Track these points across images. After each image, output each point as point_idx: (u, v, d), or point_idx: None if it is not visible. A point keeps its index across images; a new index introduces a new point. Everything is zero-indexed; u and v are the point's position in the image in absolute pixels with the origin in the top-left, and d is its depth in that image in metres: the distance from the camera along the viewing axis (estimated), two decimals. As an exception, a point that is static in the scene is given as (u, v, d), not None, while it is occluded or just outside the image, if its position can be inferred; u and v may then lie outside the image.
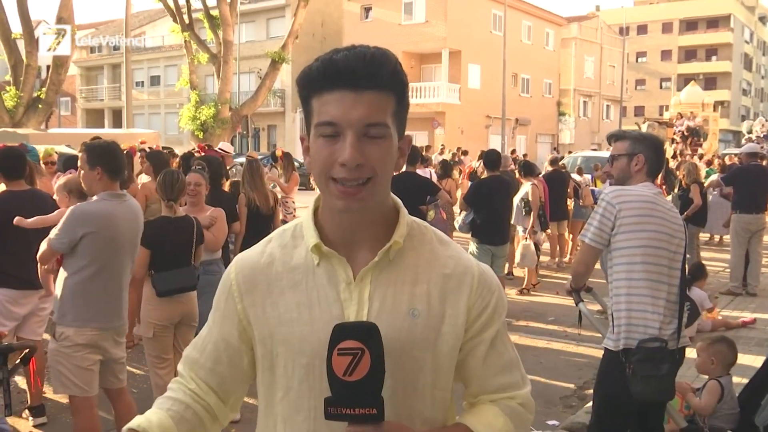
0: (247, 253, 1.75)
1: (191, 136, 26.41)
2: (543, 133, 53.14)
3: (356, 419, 1.46)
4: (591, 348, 7.77)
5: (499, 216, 9.09)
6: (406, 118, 1.64)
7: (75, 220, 4.43)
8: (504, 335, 1.75)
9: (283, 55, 25.61)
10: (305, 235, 1.67)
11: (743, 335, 8.49)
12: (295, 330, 1.62)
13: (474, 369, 1.71)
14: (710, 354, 5.25)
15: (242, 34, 44.44)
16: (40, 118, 21.57)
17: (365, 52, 1.53)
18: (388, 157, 1.56)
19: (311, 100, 1.57)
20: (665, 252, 3.95)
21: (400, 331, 1.59)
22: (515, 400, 1.73)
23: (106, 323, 4.54)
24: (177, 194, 5.66)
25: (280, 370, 1.65)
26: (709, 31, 79.01)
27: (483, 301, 1.68)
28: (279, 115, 49.11)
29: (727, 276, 11.71)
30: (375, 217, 1.64)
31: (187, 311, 5.57)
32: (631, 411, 4.10)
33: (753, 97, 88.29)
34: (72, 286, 4.47)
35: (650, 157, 4.16)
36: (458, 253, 1.72)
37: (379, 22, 44.76)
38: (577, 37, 57.27)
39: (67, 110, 60.13)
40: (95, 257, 4.45)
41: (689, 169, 12.68)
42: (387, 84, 1.54)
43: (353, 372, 1.43)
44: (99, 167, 4.52)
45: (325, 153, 1.53)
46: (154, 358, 5.47)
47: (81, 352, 4.45)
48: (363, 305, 1.60)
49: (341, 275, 1.62)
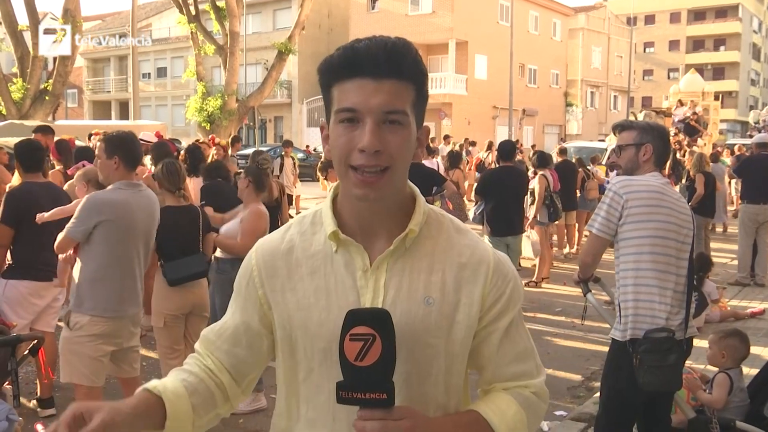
0: (268, 238, 1.78)
1: (198, 128, 26.42)
2: (550, 124, 53.03)
3: (367, 403, 1.48)
4: (598, 338, 7.76)
5: (509, 207, 9.06)
6: (424, 109, 1.67)
7: (90, 208, 4.48)
8: (519, 324, 1.76)
9: (290, 46, 25.59)
10: (324, 222, 1.69)
11: (752, 326, 8.47)
12: (312, 315, 1.65)
13: (488, 357, 1.72)
14: (721, 348, 5.20)
15: (249, 26, 44.48)
16: (47, 110, 21.60)
17: (386, 42, 1.56)
18: (406, 146, 1.59)
19: (332, 89, 1.60)
20: (673, 242, 3.94)
21: (414, 318, 1.61)
22: (528, 389, 1.74)
23: (122, 312, 4.59)
24: (181, 183, 5.68)
25: (300, 353, 1.68)
26: (717, 21, 78.62)
27: (498, 290, 1.69)
28: (286, 107, 49.12)
29: (735, 267, 11.68)
30: (392, 205, 1.66)
31: (198, 301, 5.58)
32: (639, 401, 4.10)
33: (761, 87, 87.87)
34: (88, 274, 4.51)
35: (658, 147, 4.15)
36: (475, 242, 1.73)
37: (386, 12, 44.68)
38: (585, 28, 57.07)
39: (74, 102, 60.29)
40: (111, 246, 4.50)
41: (696, 160, 12.63)
42: (407, 73, 1.57)
43: (364, 357, 1.46)
44: (116, 156, 4.58)
45: (344, 139, 1.56)
46: (165, 349, 5.49)
47: (94, 342, 4.49)
48: (378, 293, 1.63)
49: (358, 263, 1.65)
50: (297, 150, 23.26)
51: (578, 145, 22.37)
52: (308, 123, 47.01)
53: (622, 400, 4.13)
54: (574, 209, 13.50)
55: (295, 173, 16.84)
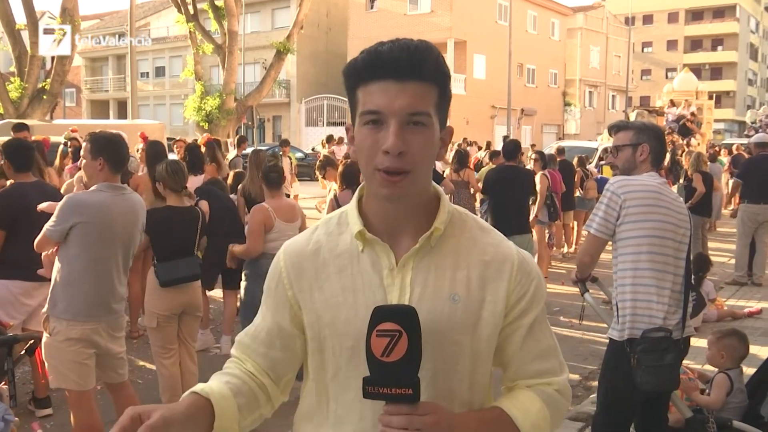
0: (295, 240, 1.82)
1: (196, 127, 26.42)
2: (548, 123, 53.06)
3: (393, 399, 1.50)
4: (596, 338, 7.76)
5: (509, 205, 9.04)
6: (448, 110, 1.69)
7: (67, 208, 4.38)
8: (543, 322, 1.79)
9: (288, 45, 25.59)
10: (350, 222, 1.73)
11: (749, 325, 8.47)
12: (340, 314, 1.68)
13: (512, 354, 1.75)
14: (720, 348, 5.18)
15: (247, 25, 44.47)
16: (44, 109, 21.57)
17: (409, 45, 1.59)
18: (429, 147, 1.62)
19: (357, 91, 1.63)
20: (671, 242, 3.94)
21: (441, 315, 1.64)
22: (552, 387, 1.76)
23: (96, 317, 4.45)
24: (185, 182, 5.65)
25: (328, 351, 1.71)
26: (714, 21, 78.76)
27: (522, 288, 1.72)
28: (284, 106, 49.11)
29: (732, 266, 11.69)
30: (417, 205, 1.69)
31: (191, 301, 5.56)
32: (636, 401, 4.10)
33: (759, 87, 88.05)
34: (63, 276, 4.41)
35: (654, 147, 4.17)
36: (499, 241, 1.76)
37: (385, 12, 44.70)
38: (583, 27, 57.12)
39: (72, 101, 60.18)
40: (86, 248, 4.38)
41: (694, 159, 12.65)
42: (430, 75, 1.60)
43: (391, 353, 1.48)
44: (101, 158, 4.48)
45: (370, 141, 1.59)
46: (158, 348, 5.47)
47: (74, 347, 4.38)
48: (405, 290, 1.66)
49: (384, 261, 1.68)
50: (295, 149, 23.23)
51: (570, 144, 22.16)
52: (307, 122, 46.98)
53: (619, 400, 4.13)
54: (572, 209, 13.53)
55: (292, 173, 16.83)
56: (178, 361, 5.48)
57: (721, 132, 64.27)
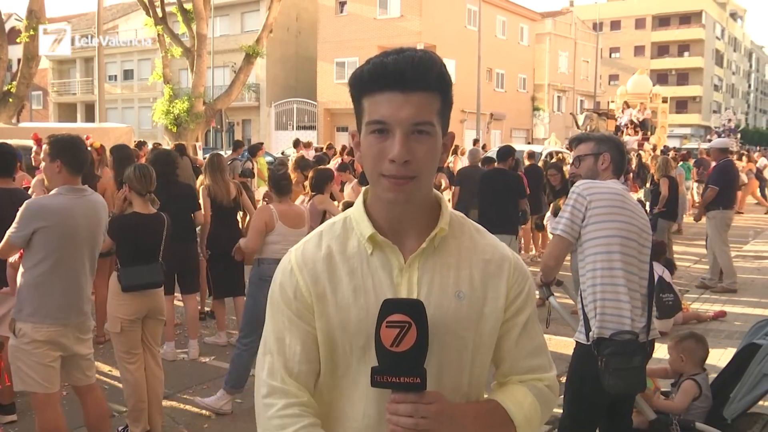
0: (305, 247, 1.84)
1: (165, 131, 26.20)
2: (518, 128, 53.32)
3: (400, 387, 1.59)
4: (564, 341, 7.81)
5: (500, 206, 9.40)
6: (449, 116, 1.76)
7: (28, 214, 4.37)
8: (535, 320, 1.88)
9: (258, 49, 25.44)
10: (359, 227, 1.79)
11: (713, 328, 8.59)
12: (351, 314, 1.73)
13: (507, 350, 1.85)
14: (679, 351, 5.28)
15: (216, 28, 44.22)
16: (10, 112, 21.25)
17: (413, 56, 1.65)
18: (433, 155, 1.70)
19: (362, 100, 1.70)
20: (635, 243, 4.00)
21: (447, 311, 1.73)
22: (543, 382, 1.87)
23: (65, 319, 4.46)
24: (152, 187, 5.63)
25: (339, 352, 1.76)
26: (681, 27, 79.85)
27: (519, 286, 1.83)
28: (254, 110, 48.91)
29: (699, 270, 11.81)
30: (421, 208, 1.77)
31: (154, 305, 5.52)
32: (602, 403, 4.14)
33: (724, 92, 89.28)
34: (28, 280, 4.40)
35: (615, 156, 4.28)
36: (494, 241, 1.87)
37: (354, 16, 44.68)
38: (552, 33, 57.49)
39: (38, 104, 59.44)
40: (50, 252, 4.38)
41: (661, 164, 12.80)
42: (433, 85, 1.67)
43: (400, 343, 1.56)
44: (59, 160, 4.48)
45: (376, 150, 1.66)
46: (123, 354, 5.42)
47: (40, 349, 4.37)
48: (413, 289, 1.73)
49: (394, 262, 1.75)
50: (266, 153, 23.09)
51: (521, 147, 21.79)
52: (276, 126, 46.81)
53: (586, 402, 4.17)
54: (539, 213, 13.61)
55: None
56: (143, 366, 5.44)
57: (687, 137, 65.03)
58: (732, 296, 10.54)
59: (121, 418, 5.66)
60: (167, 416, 5.85)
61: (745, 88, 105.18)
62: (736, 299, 10.36)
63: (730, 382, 5.03)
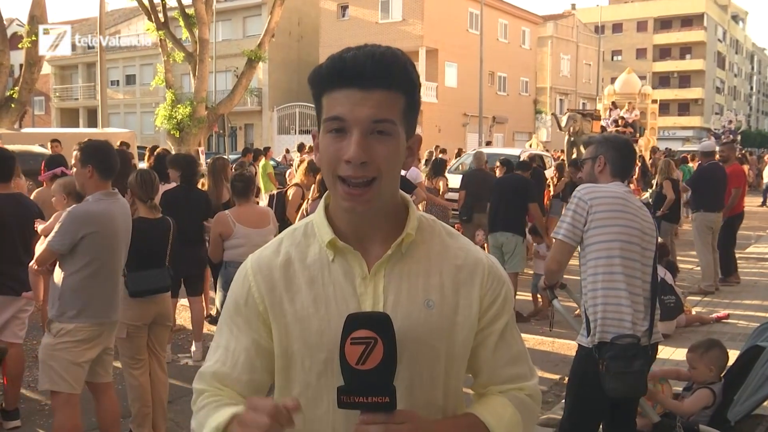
0: (262, 252, 1.75)
1: (167, 136, 26.22)
2: (520, 131, 53.29)
3: (369, 407, 1.47)
4: (567, 344, 7.81)
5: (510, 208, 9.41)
6: (416, 118, 1.67)
7: (76, 221, 4.52)
8: (513, 327, 1.79)
9: (260, 53, 25.46)
10: (319, 232, 1.69)
11: (717, 330, 8.57)
12: (312, 325, 1.63)
13: (484, 359, 1.75)
14: (708, 363, 5.06)
15: (218, 33, 44.28)
16: (13, 117, 21.27)
17: (374, 52, 1.55)
18: (394, 156, 1.59)
19: (321, 98, 1.60)
20: (637, 247, 4.00)
21: (416, 321, 1.62)
22: (524, 392, 1.76)
23: (107, 317, 4.66)
24: (155, 193, 5.65)
25: (296, 367, 1.67)
26: (683, 30, 79.77)
27: (494, 292, 1.72)
28: (256, 114, 48.94)
29: (700, 272, 11.77)
30: (385, 212, 1.67)
31: (161, 311, 5.53)
32: (604, 407, 4.13)
33: (726, 95, 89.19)
34: (72, 284, 4.53)
35: (612, 158, 4.26)
36: (467, 245, 1.77)
37: (356, 20, 44.72)
38: (554, 36, 57.54)
39: (41, 109, 59.51)
40: (95, 256, 4.56)
41: (662, 166, 12.79)
42: (396, 83, 1.57)
43: (366, 361, 1.45)
44: (90, 165, 4.61)
45: (332, 150, 1.56)
46: (128, 359, 5.42)
47: (78, 348, 4.52)
48: (379, 299, 1.63)
49: (356, 270, 1.65)
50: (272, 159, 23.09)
51: (493, 151, 21.08)
52: (279, 130, 46.84)
53: (587, 406, 4.17)
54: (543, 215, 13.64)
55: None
56: (148, 372, 5.45)
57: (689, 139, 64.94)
58: (735, 298, 10.52)
59: (125, 423, 5.66)
60: (171, 420, 5.85)
61: (747, 91, 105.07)
62: (739, 302, 10.34)
63: (734, 384, 5.01)
